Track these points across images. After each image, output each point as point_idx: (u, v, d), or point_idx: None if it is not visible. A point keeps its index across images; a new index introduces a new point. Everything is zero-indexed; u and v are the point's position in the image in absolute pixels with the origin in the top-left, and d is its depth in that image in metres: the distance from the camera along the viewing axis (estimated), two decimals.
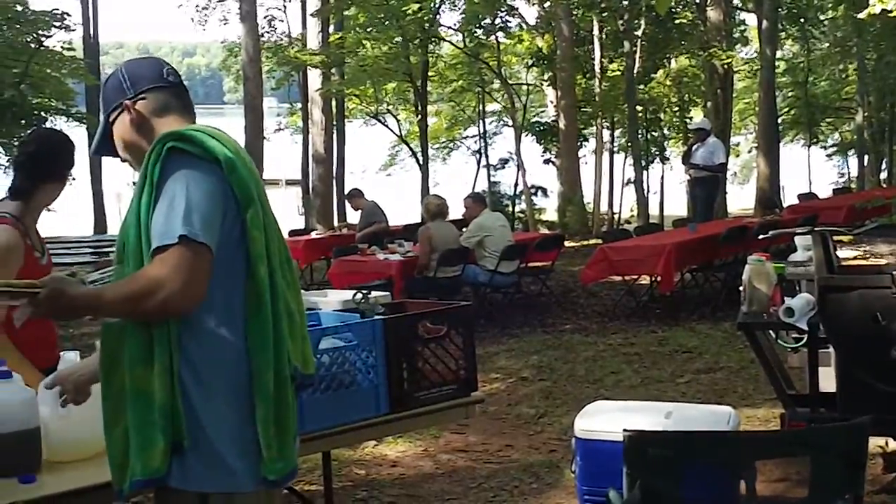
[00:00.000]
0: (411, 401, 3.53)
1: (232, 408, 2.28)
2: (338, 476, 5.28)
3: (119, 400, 2.29)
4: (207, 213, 2.23)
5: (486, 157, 22.96)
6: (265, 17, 25.24)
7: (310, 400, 3.21)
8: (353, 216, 14.11)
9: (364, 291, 3.66)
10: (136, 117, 2.46)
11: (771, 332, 4.84)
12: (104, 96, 2.53)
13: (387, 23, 18.87)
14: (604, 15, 20.12)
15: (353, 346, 3.36)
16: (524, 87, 24.30)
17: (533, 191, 21.47)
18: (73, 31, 20.67)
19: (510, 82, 22.62)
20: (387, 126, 24.35)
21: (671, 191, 23.66)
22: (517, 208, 21.91)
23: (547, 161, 22.49)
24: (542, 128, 22.50)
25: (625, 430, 2.64)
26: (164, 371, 2.24)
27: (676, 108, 23.26)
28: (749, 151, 29.07)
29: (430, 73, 20.27)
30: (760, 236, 7.31)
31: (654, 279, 10.51)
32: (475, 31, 19.61)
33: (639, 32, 19.56)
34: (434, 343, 3.59)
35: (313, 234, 14.77)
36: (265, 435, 2.27)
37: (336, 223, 19.02)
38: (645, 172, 21.10)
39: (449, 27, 21.48)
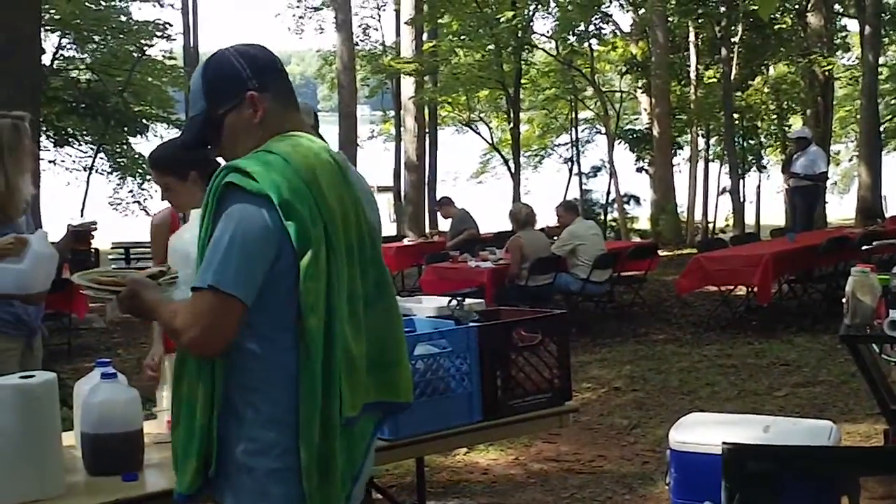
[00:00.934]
0: (505, 409, 3.51)
1: (278, 443, 2.23)
2: (429, 482, 5.28)
3: (179, 406, 2.32)
4: (249, 260, 2.16)
5: (579, 164, 22.82)
6: (360, 26, 25.62)
7: None
8: (444, 224, 14.15)
9: (459, 298, 3.66)
10: (258, 111, 2.31)
11: (874, 345, 4.70)
12: (213, 82, 2.33)
13: (480, 30, 18.90)
14: (700, 21, 19.83)
15: (448, 352, 3.36)
16: (617, 95, 24.12)
17: (625, 199, 21.28)
18: (174, 40, 21.25)
19: (603, 90, 22.46)
20: (478, 133, 24.41)
21: (767, 200, 23.21)
22: (609, 217, 21.73)
23: (640, 169, 22.27)
24: (635, 135, 22.28)
25: (724, 443, 2.59)
26: (208, 394, 2.25)
27: (774, 116, 22.80)
28: (850, 160, 28.33)
29: (522, 81, 20.23)
30: (864, 247, 7.11)
31: (750, 290, 10.30)
32: (568, 39, 19.49)
33: (736, 39, 19.23)
34: (528, 351, 3.56)
35: (405, 241, 14.88)
36: (308, 485, 2.22)
37: (427, 230, 19.12)
38: (741, 181, 20.72)
39: (542, 34, 21.42)
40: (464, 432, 3.48)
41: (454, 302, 3.63)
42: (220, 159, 2.47)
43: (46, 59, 16.74)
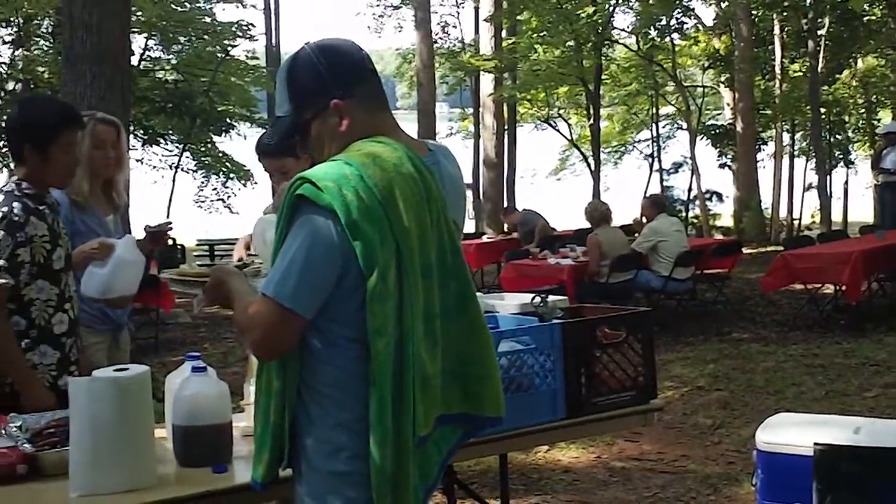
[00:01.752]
0: (589, 406, 3.48)
1: (346, 447, 2.22)
2: (510, 478, 5.27)
3: (259, 397, 2.34)
4: (312, 274, 2.14)
5: (659, 161, 22.59)
6: (439, 24, 25.71)
7: None
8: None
9: (542, 295, 3.65)
10: (343, 119, 2.27)
11: None
12: (297, 87, 2.30)
13: (560, 26, 18.81)
14: (785, 14, 19.45)
15: (532, 349, 3.35)
16: (699, 90, 23.79)
17: (707, 196, 20.98)
18: (256, 40, 21.54)
19: (685, 84, 22.19)
20: (558, 130, 24.30)
21: (855, 196, 22.68)
22: (691, 213, 21.45)
23: (723, 165, 21.96)
24: (717, 131, 21.97)
25: (815, 444, 2.55)
26: (280, 390, 2.26)
27: (863, 111, 22.27)
28: None
29: (602, 77, 20.08)
30: None
31: (838, 288, 10.09)
32: (649, 33, 19.30)
33: (823, 31, 18.82)
34: (613, 348, 3.53)
35: (484, 238, 14.89)
36: (379, 502, 2.20)
37: (506, 227, 19.11)
38: (828, 177, 20.29)
39: (622, 30, 21.25)
40: (547, 429, 3.46)
41: (538, 299, 3.62)
42: None
43: (134, 61, 17.12)
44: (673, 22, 19.37)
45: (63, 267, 3.56)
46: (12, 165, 3.83)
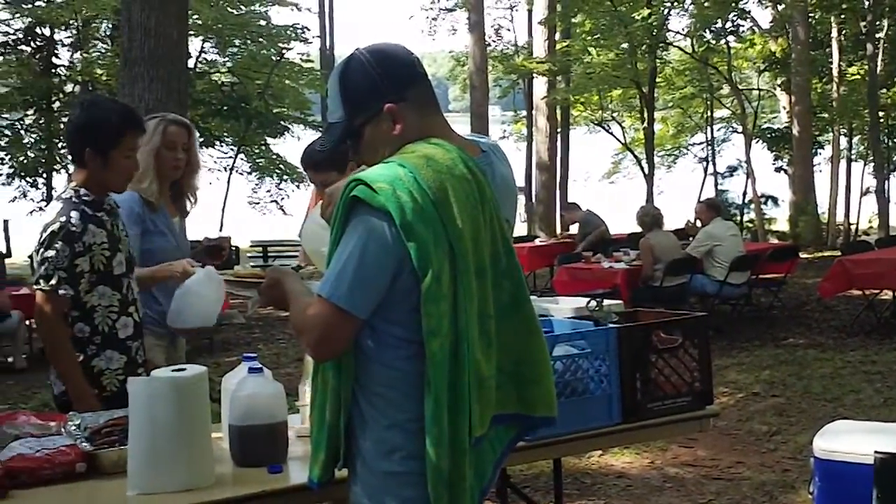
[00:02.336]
0: (644, 411, 3.45)
1: (400, 447, 2.23)
2: (563, 483, 5.25)
3: (314, 395, 2.36)
4: (366, 276, 2.15)
5: (714, 164, 22.36)
6: (492, 27, 25.72)
7: None
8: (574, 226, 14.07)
9: (598, 299, 3.62)
10: (397, 123, 2.28)
11: None
12: (349, 92, 2.31)
13: (614, 29, 18.70)
14: (843, 16, 19.15)
15: (587, 353, 3.32)
16: (755, 93, 23.52)
17: (763, 200, 20.74)
18: (311, 43, 21.70)
19: (740, 87, 21.95)
20: (611, 133, 24.15)
21: None
22: (745, 217, 21.20)
23: (778, 169, 21.68)
24: (773, 134, 21.69)
25: (876, 452, 2.50)
26: (335, 390, 2.28)
27: None
28: None
29: (657, 79, 19.92)
30: None
31: None
32: (705, 36, 19.11)
33: (882, 34, 18.51)
34: (668, 353, 3.50)
35: (536, 242, 14.84)
36: (436, 502, 2.19)
37: (559, 230, 19.03)
38: (886, 181, 19.93)
39: (677, 32, 21.07)
40: (602, 434, 3.43)
41: (593, 303, 3.59)
42: None
43: (190, 63, 17.32)
44: (729, 24, 19.16)
45: (124, 272, 3.57)
46: (71, 169, 3.85)
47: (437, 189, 2.17)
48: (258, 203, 22.61)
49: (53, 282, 3.37)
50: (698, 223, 10.53)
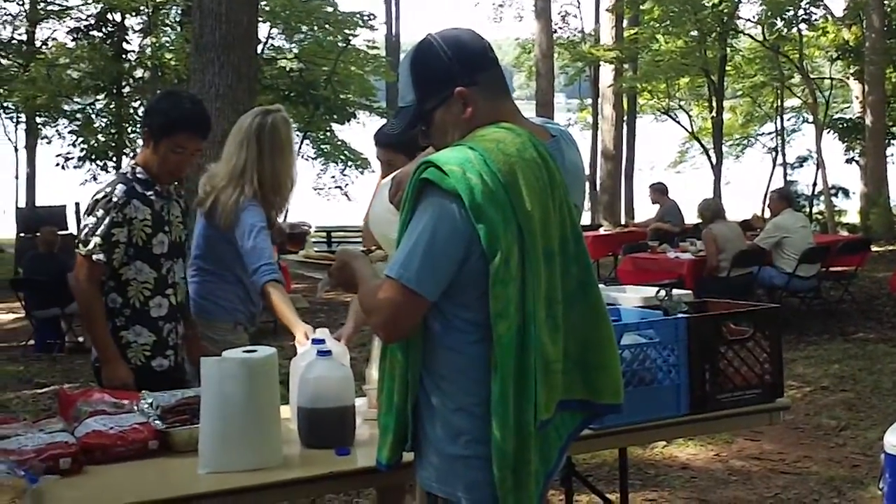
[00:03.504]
0: (712, 403, 3.41)
1: (467, 431, 2.24)
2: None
3: (383, 379, 2.38)
4: (436, 257, 2.16)
5: (783, 154, 22.00)
6: (559, 13, 25.57)
7: None
8: (641, 211, 13.95)
9: (667, 289, 3.58)
10: (467, 106, 2.29)
11: None
12: (421, 76, 2.32)
13: (683, 16, 18.48)
14: None
15: (656, 343, 3.30)
16: (827, 82, 23.07)
17: (833, 191, 20.35)
18: (377, 30, 21.74)
19: (812, 76, 21.55)
20: (678, 122, 23.90)
21: None
22: (815, 209, 20.84)
23: (850, 160, 21.25)
24: (845, 124, 21.26)
25: None
26: (403, 375, 2.29)
27: None
28: None
29: (727, 68, 19.64)
30: None
31: None
32: (776, 24, 18.79)
33: None
34: (738, 344, 3.45)
35: (601, 230, 14.75)
36: (501, 489, 2.20)
37: (623, 219, 18.90)
38: None
39: (748, 20, 20.74)
40: (669, 425, 3.40)
41: (662, 292, 3.55)
42: None
43: (258, 49, 17.48)
44: (801, 12, 18.83)
45: (166, 253, 3.66)
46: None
47: (507, 172, 2.18)
48: (323, 189, 22.77)
49: (90, 246, 3.52)
50: (766, 214, 10.38)
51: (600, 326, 2.35)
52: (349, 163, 22.29)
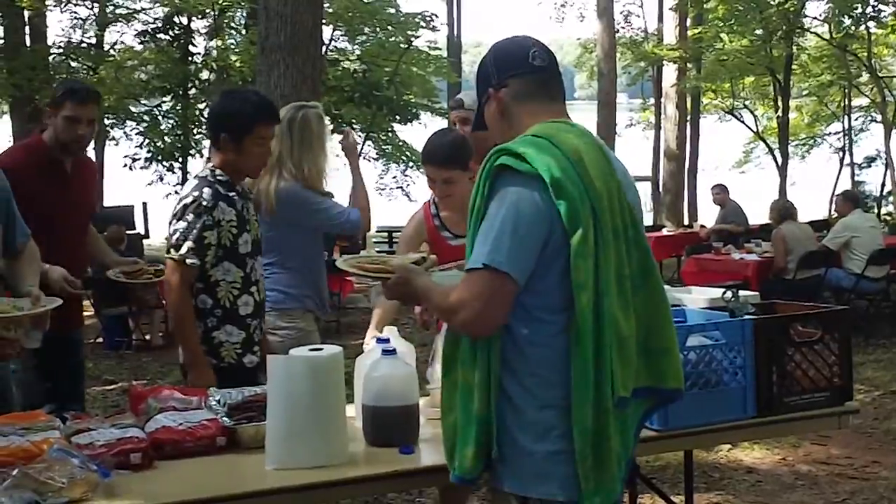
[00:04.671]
0: (780, 406, 3.37)
1: (553, 426, 2.28)
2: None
3: (453, 392, 2.39)
4: (522, 239, 2.21)
5: (851, 155, 21.60)
6: (621, 13, 25.33)
7: None
8: (704, 212, 13.80)
9: (734, 290, 3.54)
10: (499, 106, 2.46)
11: None
12: (476, 79, 2.55)
13: (748, 15, 18.23)
14: None
15: (722, 344, 3.26)
16: None
17: None
18: (438, 31, 21.73)
19: (880, 75, 21.10)
20: (742, 121, 23.57)
21: None
22: (884, 210, 20.42)
23: None
24: None
25: None
26: (483, 381, 2.30)
27: None
28: None
29: (793, 66, 19.34)
30: None
31: None
32: (843, 22, 18.44)
33: None
34: (807, 347, 3.41)
35: (664, 231, 14.62)
36: (582, 467, 2.24)
37: (686, 220, 18.71)
38: None
39: (815, 17, 20.40)
40: (735, 428, 3.37)
41: (728, 293, 3.52)
42: None
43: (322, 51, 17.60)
44: (869, 10, 18.43)
45: (250, 251, 3.73)
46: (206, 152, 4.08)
47: (574, 153, 2.29)
48: (384, 189, 22.87)
49: (183, 251, 3.56)
50: (836, 215, 10.23)
51: (662, 311, 2.41)
52: (410, 163, 22.34)
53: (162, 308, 10.27)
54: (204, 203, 3.59)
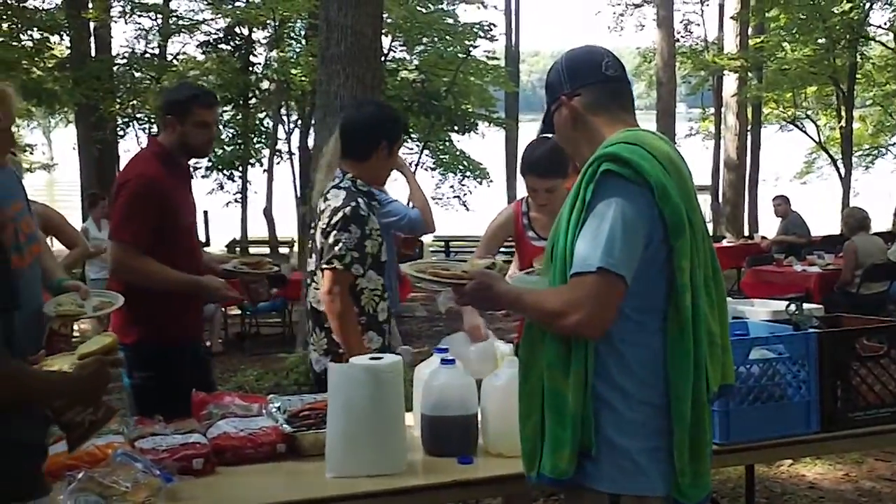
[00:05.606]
0: (844, 421, 3.31)
1: (647, 424, 2.31)
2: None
3: (534, 395, 2.39)
4: (630, 242, 2.25)
5: None
6: (681, 22, 25.15)
7: (737, 410, 3.12)
8: (765, 224, 13.63)
9: (797, 303, 3.49)
10: (570, 114, 2.48)
11: None
12: (546, 85, 2.58)
13: (811, 24, 17.99)
14: None
15: (785, 358, 3.22)
16: None
17: None
18: (496, 40, 21.70)
19: None
20: (804, 131, 23.26)
21: None
22: None
23: None
24: None
25: None
26: (579, 382, 2.30)
27: None
28: None
29: (857, 76, 19.03)
30: None
31: None
32: None
33: None
34: (872, 361, 3.35)
35: (724, 242, 14.46)
36: (680, 460, 2.29)
37: (747, 231, 18.49)
38: None
39: (879, 26, 20.07)
40: (797, 443, 3.32)
41: (793, 306, 3.47)
42: None
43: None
44: None
45: (386, 259, 3.81)
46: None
47: (665, 158, 2.34)
48: (441, 199, 22.91)
49: (347, 261, 3.57)
50: None
51: (724, 312, 2.48)
52: (468, 173, 22.36)
53: (223, 315, 10.38)
54: (362, 213, 3.62)
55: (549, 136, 2.67)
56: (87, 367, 2.25)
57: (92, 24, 17.62)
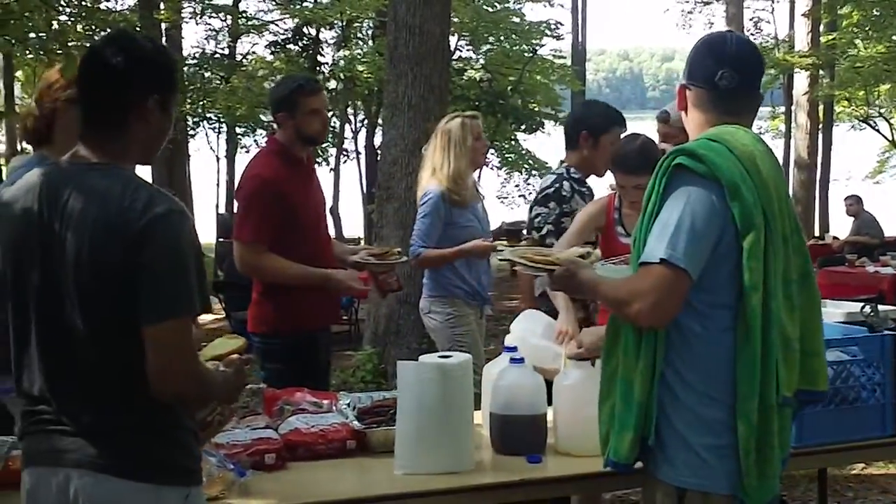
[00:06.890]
0: None
1: (715, 420, 2.32)
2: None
3: (612, 380, 2.44)
4: (697, 237, 2.27)
5: None
6: (751, 19, 24.84)
7: (810, 413, 3.07)
8: (837, 224, 13.40)
9: (872, 304, 3.44)
10: (681, 100, 2.56)
11: None
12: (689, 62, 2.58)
13: (885, 21, 17.62)
14: None
15: (860, 360, 3.17)
16: None
17: None
18: (562, 39, 21.64)
19: None
20: (878, 130, 22.80)
21: None
22: None
23: None
24: None
25: None
26: (647, 369, 2.34)
27: None
28: None
29: None
30: None
31: None
32: None
33: None
34: None
35: None
36: (745, 460, 2.30)
37: (817, 231, 18.19)
38: None
39: None
40: (870, 446, 3.27)
41: (867, 308, 3.41)
42: None
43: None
44: None
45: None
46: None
47: (748, 159, 2.34)
48: (507, 198, 22.89)
49: (543, 232, 4.09)
50: None
51: (816, 313, 2.47)
52: (533, 172, 22.31)
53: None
54: (563, 193, 4.14)
55: (639, 133, 2.73)
56: (231, 369, 2.30)
57: (164, 25, 17.93)
